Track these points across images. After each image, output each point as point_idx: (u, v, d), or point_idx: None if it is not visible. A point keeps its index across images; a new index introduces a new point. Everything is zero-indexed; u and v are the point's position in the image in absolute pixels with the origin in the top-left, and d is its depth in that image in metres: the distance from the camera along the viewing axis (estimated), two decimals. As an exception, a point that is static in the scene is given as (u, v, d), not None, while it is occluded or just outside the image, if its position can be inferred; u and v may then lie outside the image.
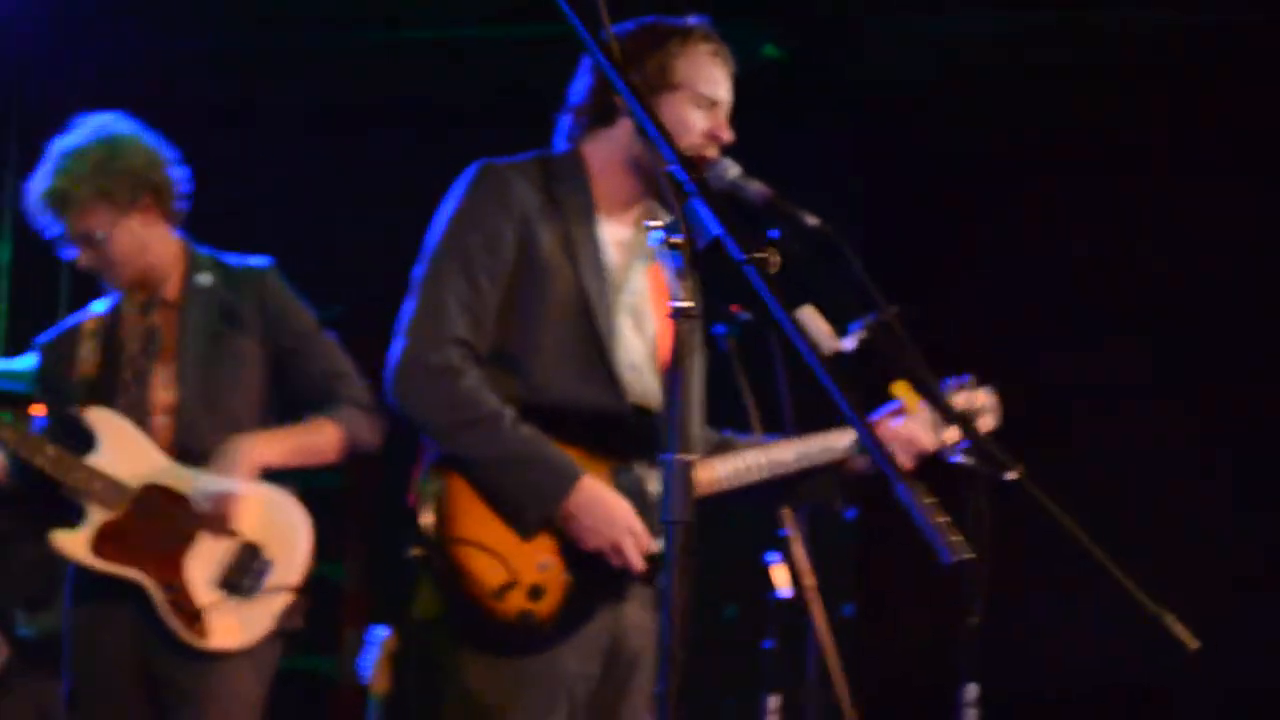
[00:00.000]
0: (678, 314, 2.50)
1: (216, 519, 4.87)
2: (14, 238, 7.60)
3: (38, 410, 5.00)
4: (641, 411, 4.27)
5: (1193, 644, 4.28)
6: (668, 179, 2.56)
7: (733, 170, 4.25)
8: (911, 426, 4.49)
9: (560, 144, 4.41)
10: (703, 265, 2.59)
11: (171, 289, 5.05)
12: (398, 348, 4.19)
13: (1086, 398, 7.42)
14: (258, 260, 5.13)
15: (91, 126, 5.02)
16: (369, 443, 5.09)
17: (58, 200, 4.94)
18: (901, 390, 4.47)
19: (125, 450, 4.91)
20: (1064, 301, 7.51)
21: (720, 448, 4.50)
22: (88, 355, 5.04)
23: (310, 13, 7.80)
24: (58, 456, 4.86)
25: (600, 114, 4.34)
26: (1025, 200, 7.60)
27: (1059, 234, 7.58)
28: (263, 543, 4.93)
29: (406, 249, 4.40)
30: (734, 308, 4.93)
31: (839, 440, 4.41)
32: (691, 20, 4.35)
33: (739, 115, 4.33)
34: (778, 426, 4.76)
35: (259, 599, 4.90)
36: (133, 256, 4.99)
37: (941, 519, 2.32)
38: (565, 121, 4.41)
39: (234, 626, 4.88)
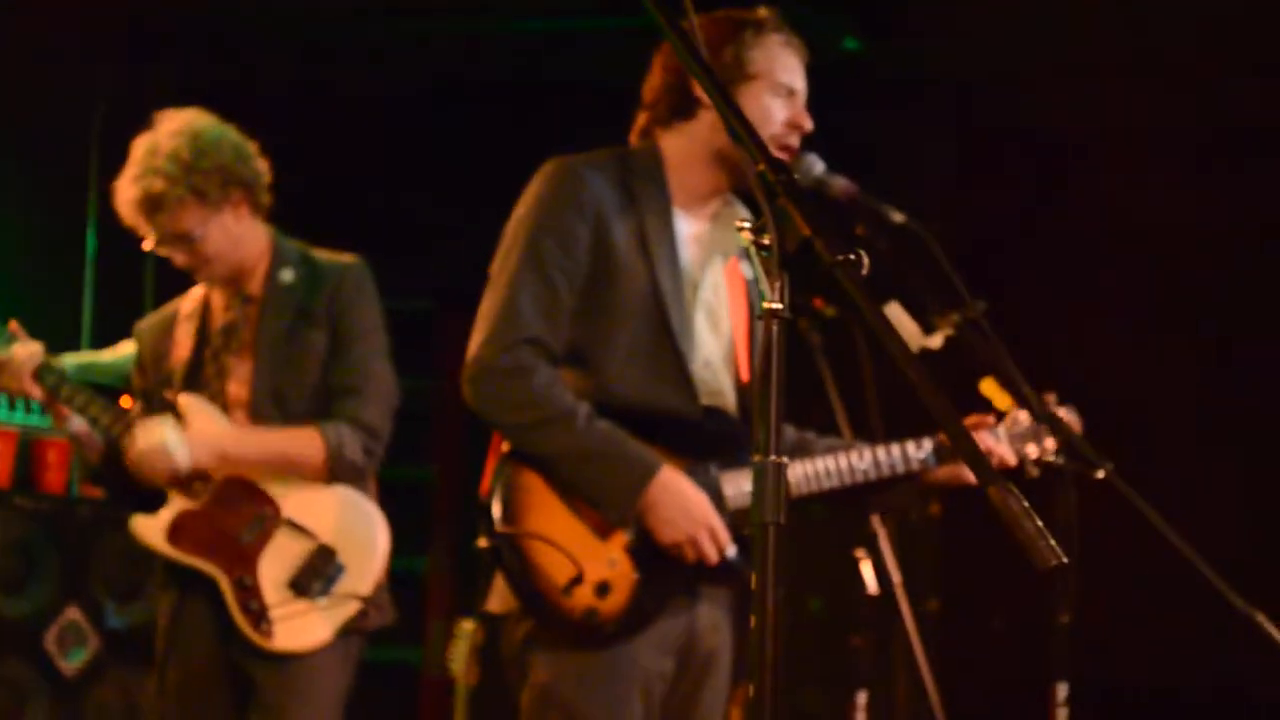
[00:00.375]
0: (768, 315, 2.49)
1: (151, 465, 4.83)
2: (99, 229, 7.64)
3: (126, 402, 5.02)
4: (715, 411, 4.26)
5: (1285, 644, 4.24)
6: (757, 179, 2.54)
7: (818, 166, 4.24)
8: (990, 441, 4.45)
9: (638, 138, 4.41)
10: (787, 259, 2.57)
11: (255, 284, 5.04)
12: (471, 349, 4.22)
13: (1169, 389, 7.35)
14: (346, 257, 5.11)
15: (175, 124, 4.99)
16: (354, 463, 4.96)
17: (150, 203, 4.92)
18: (989, 388, 4.45)
19: (211, 439, 4.89)
20: (1160, 296, 7.44)
21: (798, 448, 4.47)
22: (183, 339, 5.05)
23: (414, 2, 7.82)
24: None
25: (678, 107, 4.33)
26: (1108, 187, 7.54)
27: (1152, 222, 7.50)
28: (339, 547, 4.90)
29: (494, 240, 4.42)
30: (817, 302, 4.91)
31: (916, 451, 4.37)
32: (760, 11, 4.34)
33: (820, 108, 4.32)
34: (863, 421, 4.74)
35: (327, 604, 4.87)
36: (227, 252, 4.98)
37: (1034, 523, 2.30)
38: (642, 116, 4.41)
39: (298, 629, 4.85)
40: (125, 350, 5.31)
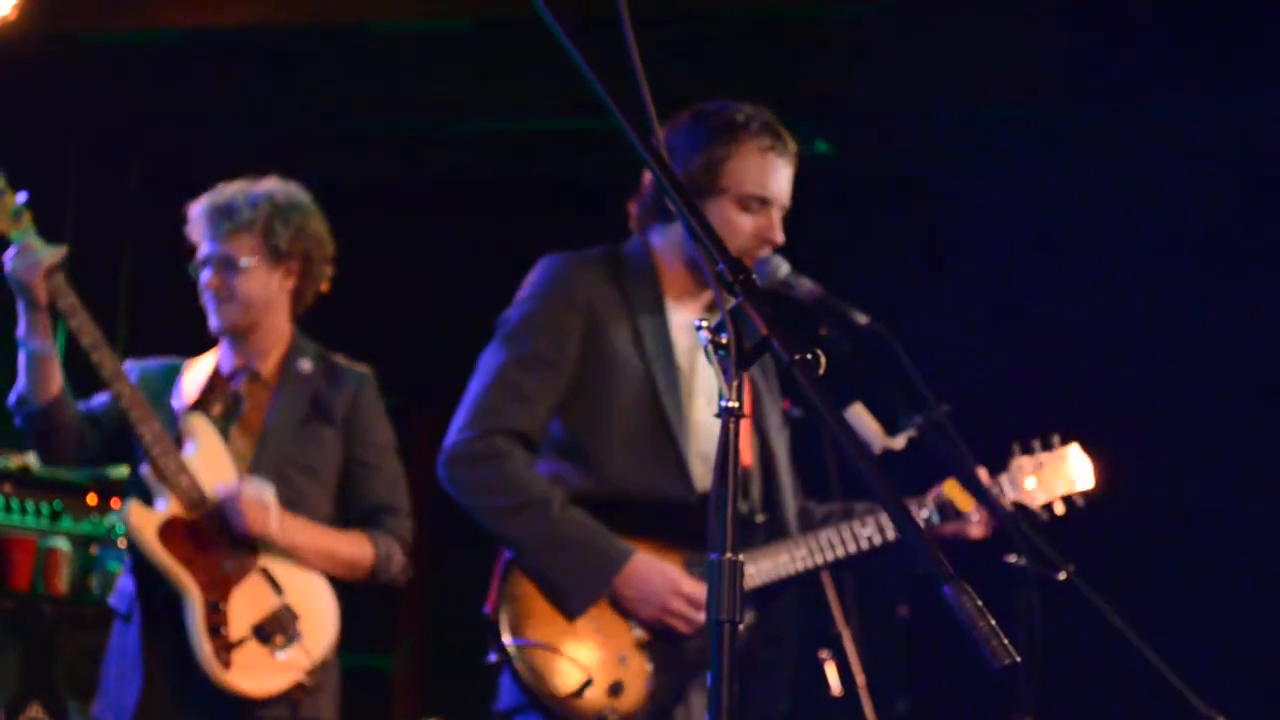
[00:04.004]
0: (724, 414, 2.49)
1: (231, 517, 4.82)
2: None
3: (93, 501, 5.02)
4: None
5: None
6: (717, 279, 2.55)
7: (783, 269, 4.28)
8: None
9: (630, 235, 4.49)
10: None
11: (268, 367, 5.05)
12: (450, 434, 4.28)
13: (1142, 482, 7.35)
14: (361, 366, 5.15)
15: (287, 185, 5.07)
16: (395, 578, 5.08)
17: (225, 214, 4.96)
18: (952, 489, 4.47)
19: (214, 463, 4.89)
20: (1127, 384, 7.46)
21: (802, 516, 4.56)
22: (190, 391, 5.03)
23: (392, 99, 7.84)
24: (162, 437, 4.80)
25: (658, 210, 4.39)
26: (1074, 282, 7.57)
27: (1120, 315, 7.53)
28: (301, 616, 4.90)
29: (462, 337, 4.44)
30: (785, 404, 4.93)
31: (919, 510, 4.48)
32: (744, 112, 4.36)
33: (794, 207, 4.36)
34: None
35: (282, 662, 4.83)
36: (254, 303, 4.98)
37: (988, 622, 2.30)
38: (633, 213, 4.48)
39: (251, 672, 4.78)
40: None
